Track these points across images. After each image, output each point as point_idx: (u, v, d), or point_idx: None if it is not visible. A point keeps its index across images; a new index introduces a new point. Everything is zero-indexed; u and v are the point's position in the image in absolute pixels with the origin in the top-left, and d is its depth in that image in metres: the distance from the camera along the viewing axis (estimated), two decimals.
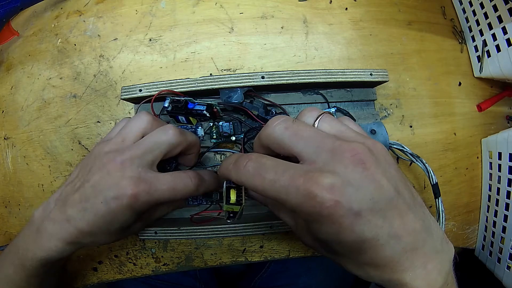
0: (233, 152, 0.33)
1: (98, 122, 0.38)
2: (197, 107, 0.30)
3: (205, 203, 0.33)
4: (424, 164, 0.35)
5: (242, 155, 0.22)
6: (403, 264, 0.19)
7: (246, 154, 0.22)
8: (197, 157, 0.31)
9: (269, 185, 0.19)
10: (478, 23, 0.40)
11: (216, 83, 0.30)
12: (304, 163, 0.20)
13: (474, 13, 0.40)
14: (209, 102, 0.30)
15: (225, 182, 0.23)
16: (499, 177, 0.39)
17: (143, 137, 0.26)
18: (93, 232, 0.25)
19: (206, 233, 0.31)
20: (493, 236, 0.40)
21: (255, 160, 0.20)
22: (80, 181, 0.26)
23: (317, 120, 0.22)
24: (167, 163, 0.30)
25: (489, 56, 0.39)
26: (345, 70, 0.32)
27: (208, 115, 0.30)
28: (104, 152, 0.25)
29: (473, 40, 0.41)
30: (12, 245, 0.28)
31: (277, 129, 0.21)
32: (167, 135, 0.26)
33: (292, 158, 0.21)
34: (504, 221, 0.38)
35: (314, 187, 0.17)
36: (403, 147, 0.34)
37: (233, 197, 0.23)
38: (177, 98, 0.30)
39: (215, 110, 0.31)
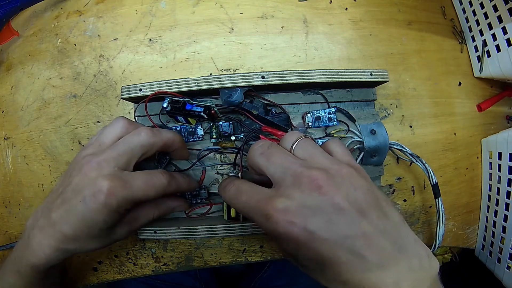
0: (233, 152, 0.33)
1: (98, 122, 0.38)
2: (195, 108, 0.30)
3: (194, 202, 0.34)
4: (424, 164, 0.35)
5: (231, 180, 0.26)
6: (371, 281, 0.20)
7: (233, 179, 0.26)
8: (185, 150, 0.31)
9: (242, 206, 0.24)
10: (478, 23, 0.40)
11: (216, 83, 0.30)
12: (274, 187, 0.23)
13: (474, 13, 0.40)
14: (207, 104, 0.30)
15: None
16: (499, 177, 0.39)
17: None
18: (77, 236, 0.26)
19: (206, 233, 0.31)
20: (493, 236, 0.40)
21: (236, 185, 0.25)
22: (62, 187, 0.27)
23: (294, 145, 0.25)
24: (159, 161, 0.31)
25: (489, 56, 0.39)
26: (345, 70, 0.32)
27: (205, 116, 0.30)
28: (82, 157, 0.27)
29: (473, 40, 0.41)
30: (11, 253, 0.29)
31: (255, 153, 0.25)
32: (139, 137, 0.27)
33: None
34: (504, 221, 0.38)
35: (270, 210, 0.21)
36: (403, 147, 0.34)
37: (232, 213, 0.30)
38: (175, 98, 0.30)
39: (213, 112, 0.31)
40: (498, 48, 0.38)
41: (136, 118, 0.33)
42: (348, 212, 0.20)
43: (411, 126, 0.40)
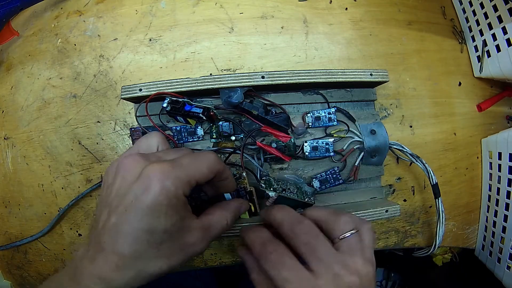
0: (231, 151, 0.33)
1: (98, 122, 0.38)
2: (194, 109, 0.30)
3: (193, 204, 0.33)
4: (424, 164, 0.35)
5: (271, 243, 0.26)
6: None
7: (275, 243, 0.26)
8: (232, 180, 0.29)
9: (280, 282, 0.24)
10: (478, 23, 0.40)
11: (216, 83, 0.30)
12: (311, 270, 0.24)
13: (474, 13, 0.40)
14: (207, 106, 0.30)
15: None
16: (499, 177, 0.39)
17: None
18: (137, 251, 0.21)
19: None
20: (493, 236, 0.40)
21: (277, 256, 0.25)
22: (104, 205, 0.23)
23: (345, 235, 0.26)
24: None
25: (489, 56, 0.39)
26: (345, 70, 0.32)
27: (204, 118, 0.30)
28: (117, 161, 0.24)
29: (473, 40, 0.41)
30: None
31: (300, 231, 0.26)
32: (207, 158, 0.25)
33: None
34: (504, 221, 0.38)
35: None
36: (403, 147, 0.34)
37: (252, 208, 0.31)
38: (175, 98, 0.30)
39: (212, 113, 0.31)
40: (498, 48, 0.38)
41: (137, 118, 0.33)
42: None
43: (411, 126, 0.40)
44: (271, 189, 0.32)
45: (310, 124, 0.33)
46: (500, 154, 0.38)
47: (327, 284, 0.24)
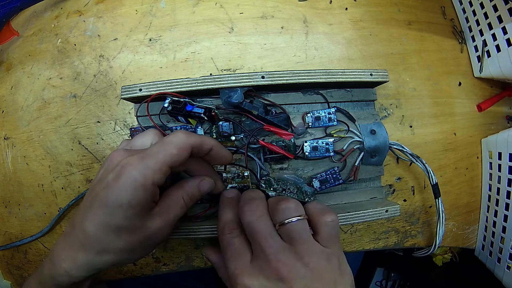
0: (234, 150, 0.33)
1: (98, 122, 0.38)
2: (195, 110, 0.30)
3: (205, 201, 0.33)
4: (424, 164, 0.35)
5: (227, 225, 0.27)
6: None
7: (233, 226, 0.27)
8: (223, 150, 0.28)
9: (224, 255, 0.26)
10: (478, 23, 0.40)
11: (216, 83, 0.30)
12: (253, 253, 0.25)
13: (474, 13, 0.40)
14: (208, 106, 0.30)
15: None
16: (499, 177, 0.39)
17: None
18: (99, 233, 0.23)
19: (206, 233, 0.31)
20: (493, 236, 0.40)
21: (228, 238, 0.26)
22: (88, 191, 0.26)
23: (285, 222, 0.25)
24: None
25: (489, 56, 0.39)
26: (345, 70, 0.32)
27: (206, 118, 0.30)
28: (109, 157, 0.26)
29: (473, 40, 0.41)
30: (36, 269, 0.27)
31: (246, 208, 0.26)
32: (175, 137, 0.25)
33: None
34: (504, 221, 0.38)
35: (239, 281, 0.24)
36: (403, 147, 0.34)
37: None
38: (177, 98, 0.30)
39: (214, 114, 0.31)
40: (498, 48, 0.38)
41: (137, 118, 0.33)
42: None
43: (411, 126, 0.40)
44: (271, 189, 0.32)
45: (310, 124, 0.33)
46: (500, 154, 0.38)
47: (260, 266, 0.24)
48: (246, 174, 0.32)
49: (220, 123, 0.32)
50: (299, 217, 0.25)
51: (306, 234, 0.25)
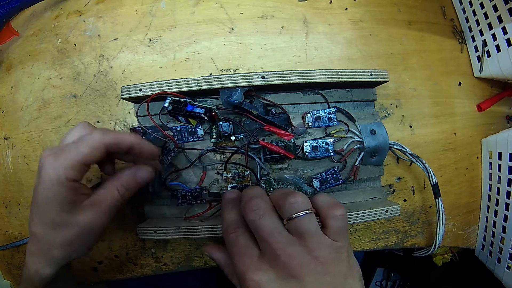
0: (232, 150, 0.33)
1: (98, 122, 0.38)
2: (196, 110, 0.30)
3: (194, 203, 0.33)
4: (424, 164, 0.35)
5: (231, 224, 0.27)
6: None
7: (236, 224, 0.27)
8: (146, 146, 0.27)
9: (231, 254, 0.26)
10: (478, 23, 0.40)
11: (216, 83, 0.30)
12: (260, 248, 0.25)
13: (474, 13, 0.40)
14: (208, 106, 0.30)
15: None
16: (499, 177, 0.39)
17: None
18: (39, 229, 0.25)
19: (206, 233, 0.31)
20: (493, 236, 0.40)
21: (233, 237, 0.26)
22: None
23: (293, 216, 0.24)
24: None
25: (489, 56, 0.39)
26: (345, 70, 0.32)
27: (206, 118, 0.30)
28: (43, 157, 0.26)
29: (473, 40, 0.41)
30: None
31: (248, 206, 0.25)
32: (91, 135, 0.25)
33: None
34: (504, 221, 0.38)
35: (248, 277, 0.23)
36: (403, 147, 0.34)
37: None
38: (177, 98, 0.30)
39: (214, 114, 0.31)
40: (498, 48, 0.38)
41: (137, 118, 0.33)
42: None
43: (411, 126, 0.40)
44: (271, 189, 0.32)
45: (310, 124, 0.33)
46: (500, 154, 0.38)
47: (269, 262, 0.23)
48: (247, 173, 0.32)
49: (220, 123, 0.32)
50: (307, 211, 0.25)
51: (315, 228, 0.24)
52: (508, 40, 0.36)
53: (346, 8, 0.40)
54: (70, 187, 0.24)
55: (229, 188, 0.31)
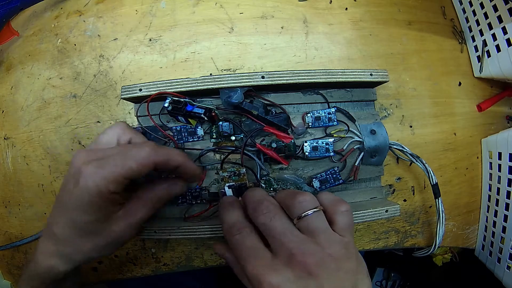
0: (233, 150, 0.33)
1: (98, 122, 0.38)
2: (196, 110, 0.30)
3: (194, 203, 0.33)
4: (424, 164, 0.35)
5: (235, 225, 0.26)
6: None
7: (241, 225, 0.26)
8: (191, 168, 0.28)
9: (240, 258, 0.25)
10: (478, 23, 0.40)
11: (216, 83, 0.30)
12: (271, 250, 0.24)
13: (474, 13, 0.40)
14: (208, 106, 0.30)
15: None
16: (499, 177, 0.39)
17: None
18: (66, 234, 0.24)
19: (206, 233, 0.31)
20: (493, 236, 0.40)
21: (239, 238, 0.25)
22: None
23: (302, 215, 0.25)
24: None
25: (489, 56, 0.39)
26: (345, 70, 0.32)
27: (206, 118, 0.30)
28: (76, 158, 0.26)
29: (473, 40, 0.41)
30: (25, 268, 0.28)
31: (259, 208, 0.25)
32: (140, 151, 0.25)
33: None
34: (504, 221, 0.38)
35: (265, 282, 0.22)
36: (403, 147, 0.34)
37: None
38: (177, 98, 0.30)
39: (214, 114, 0.31)
40: (498, 48, 0.38)
41: (138, 118, 0.33)
42: None
43: (411, 126, 0.40)
44: (271, 189, 0.32)
45: (310, 124, 0.33)
46: (500, 154, 0.38)
47: (284, 262, 0.23)
48: (243, 171, 0.32)
49: (220, 123, 0.32)
50: (315, 209, 0.25)
51: (325, 225, 0.25)
52: (508, 40, 0.36)
53: (346, 8, 0.40)
54: (109, 199, 0.24)
55: (226, 187, 0.31)
